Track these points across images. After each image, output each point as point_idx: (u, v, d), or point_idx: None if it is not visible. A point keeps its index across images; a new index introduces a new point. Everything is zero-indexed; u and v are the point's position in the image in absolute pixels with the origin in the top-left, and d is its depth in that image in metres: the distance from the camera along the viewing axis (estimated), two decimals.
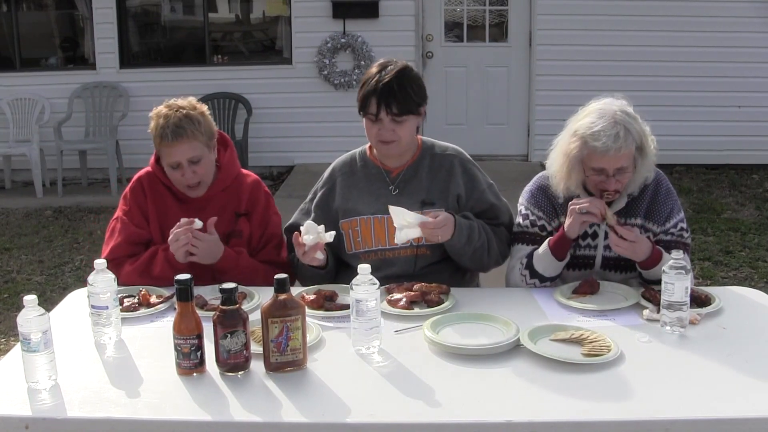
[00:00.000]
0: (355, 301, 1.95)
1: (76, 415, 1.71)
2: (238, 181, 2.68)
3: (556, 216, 2.54)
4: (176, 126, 2.46)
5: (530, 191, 2.61)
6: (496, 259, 2.59)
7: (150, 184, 2.64)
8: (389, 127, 2.46)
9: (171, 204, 2.63)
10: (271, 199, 2.77)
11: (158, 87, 7.21)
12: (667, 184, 2.56)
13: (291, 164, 7.86)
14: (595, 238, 2.51)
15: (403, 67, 2.48)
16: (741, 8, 7.42)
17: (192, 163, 2.51)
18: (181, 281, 1.85)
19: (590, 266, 2.54)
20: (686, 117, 7.50)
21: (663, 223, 2.49)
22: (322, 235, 2.33)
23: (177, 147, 2.47)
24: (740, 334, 2.07)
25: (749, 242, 5.50)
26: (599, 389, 1.78)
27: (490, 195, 2.61)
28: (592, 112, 2.38)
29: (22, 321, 1.78)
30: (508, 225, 2.63)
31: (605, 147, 2.28)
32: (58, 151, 7.33)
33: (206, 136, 2.53)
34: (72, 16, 8.46)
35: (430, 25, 7.79)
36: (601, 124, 2.31)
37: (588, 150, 2.32)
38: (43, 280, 5.10)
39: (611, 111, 2.35)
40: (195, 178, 2.54)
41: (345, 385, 1.82)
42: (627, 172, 2.38)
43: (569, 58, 7.51)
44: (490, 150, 7.52)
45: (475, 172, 2.63)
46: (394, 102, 2.42)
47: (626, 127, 2.31)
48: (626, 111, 2.37)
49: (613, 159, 2.31)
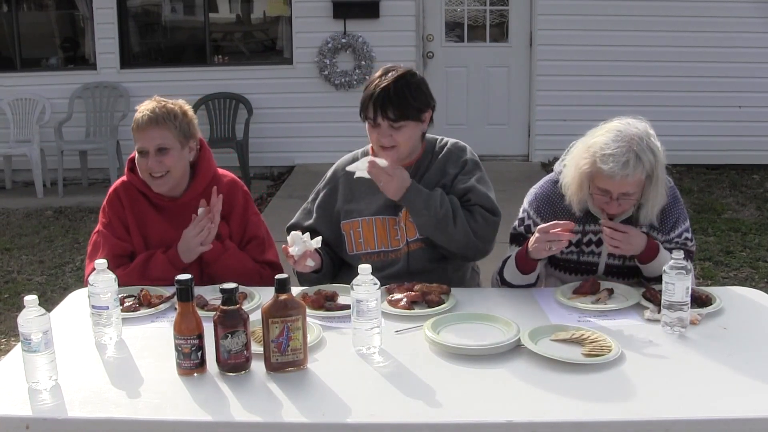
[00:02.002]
0: (356, 301, 1.96)
1: (76, 415, 1.71)
2: (214, 183, 2.64)
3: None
4: (151, 113, 2.50)
5: (534, 194, 2.59)
6: (465, 233, 2.46)
7: (126, 193, 2.62)
8: (387, 132, 2.45)
9: (148, 211, 2.61)
10: (250, 199, 2.74)
11: (159, 87, 7.13)
12: (674, 192, 2.53)
13: (291, 164, 7.86)
14: (600, 245, 2.50)
15: (404, 72, 2.46)
16: (741, 8, 7.42)
17: (159, 151, 2.50)
18: (181, 281, 1.85)
19: (593, 272, 2.54)
20: (687, 117, 7.50)
21: (668, 233, 2.48)
22: (307, 243, 2.33)
23: (147, 132, 2.49)
24: (741, 335, 2.07)
25: (750, 242, 5.50)
26: (600, 389, 1.78)
27: (469, 181, 2.54)
28: (609, 131, 2.32)
29: (23, 321, 1.78)
30: (486, 207, 2.51)
31: (611, 172, 2.25)
32: (59, 151, 7.33)
33: (180, 131, 2.53)
34: (72, 16, 8.46)
35: (431, 26, 7.79)
36: (614, 147, 2.26)
37: (595, 169, 2.30)
38: (44, 281, 5.10)
39: (629, 134, 2.29)
40: (160, 169, 2.51)
41: (345, 385, 1.82)
42: (631, 198, 2.35)
43: (570, 58, 7.51)
44: (490, 150, 7.52)
45: (467, 162, 2.58)
46: (390, 107, 2.41)
47: (638, 155, 2.26)
48: (645, 138, 2.29)
49: (619, 184, 2.29)
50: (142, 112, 2.52)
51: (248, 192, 2.75)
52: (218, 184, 2.65)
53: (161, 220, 2.60)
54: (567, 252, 2.53)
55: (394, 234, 2.56)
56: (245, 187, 2.76)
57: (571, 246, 2.50)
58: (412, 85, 2.46)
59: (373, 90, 2.44)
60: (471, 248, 2.52)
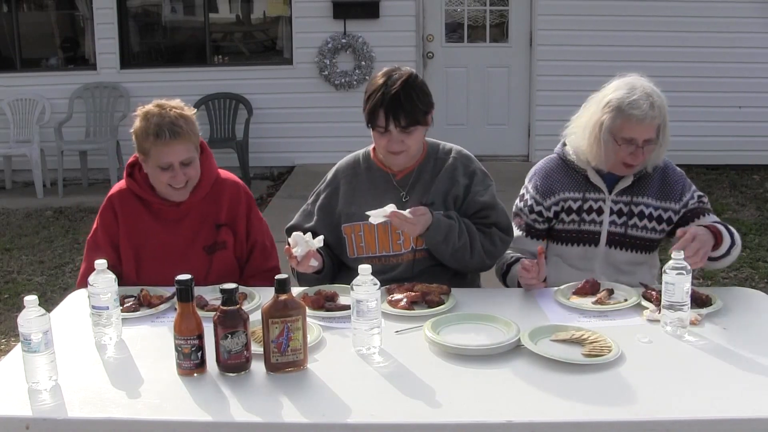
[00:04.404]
0: (356, 301, 1.95)
1: (76, 415, 1.71)
2: (216, 187, 2.60)
3: (551, 194, 2.62)
4: (173, 124, 2.40)
5: (534, 170, 2.72)
6: (481, 260, 2.51)
7: (122, 202, 2.57)
8: (398, 138, 2.44)
9: (145, 219, 2.56)
10: (254, 204, 2.69)
11: (159, 87, 7.19)
12: (674, 166, 2.66)
13: (291, 165, 7.86)
14: (601, 213, 2.55)
15: (408, 75, 2.44)
16: (741, 8, 7.42)
17: (184, 165, 2.46)
18: (181, 281, 1.85)
19: (595, 242, 2.58)
20: (686, 117, 7.49)
21: (680, 199, 2.59)
22: (310, 243, 2.32)
23: (173, 147, 2.41)
24: (741, 335, 2.07)
25: (750, 243, 5.50)
26: (600, 390, 1.78)
27: (486, 195, 2.56)
28: (621, 87, 2.47)
29: (23, 321, 1.78)
30: (502, 226, 2.55)
31: (643, 114, 2.39)
32: (59, 151, 7.34)
33: (196, 138, 2.50)
34: (72, 16, 8.46)
35: (431, 26, 7.79)
36: (638, 94, 2.41)
37: (622, 119, 2.42)
38: (44, 281, 5.10)
39: (640, 84, 2.46)
40: (184, 180, 2.48)
41: (346, 385, 1.82)
42: (653, 144, 2.46)
43: (570, 58, 7.51)
44: (490, 150, 7.52)
45: (476, 172, 2.59)
46: (402, 114, 2.39)
47: (656, 101, 2.44)
48: (651, 85, 2.48)
49: (647, 128, 2.42)
50: (159, 123, 2.40)
51: (251, 196, 2.70)
52: (221, 187, 2.61)
53: (156, 226, 2.56)
54: (568, 221, 2.62)
55: (396, 238, 2.55)
56: (248, 190, 2.71)
57: (572, 214, 2.60)
58: (418, 88, 2.45)
59: (381, 98, 2.40)
60: (481, 268, 2.62)
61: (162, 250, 2.56)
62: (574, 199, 2.60)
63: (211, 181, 2.60)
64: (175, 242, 2.55)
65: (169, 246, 2.55)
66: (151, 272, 2.55)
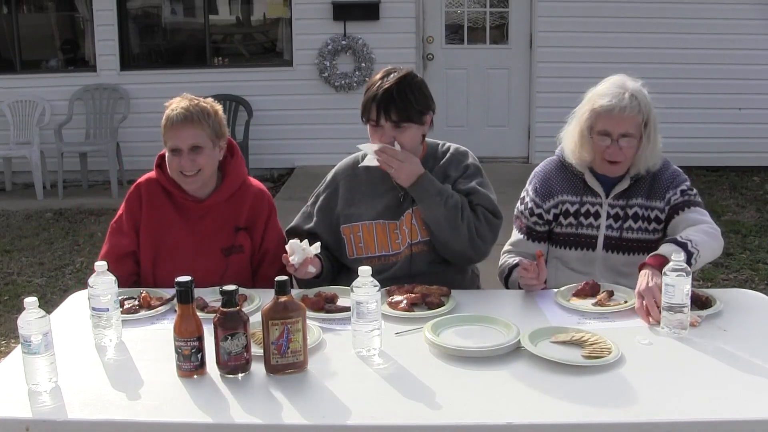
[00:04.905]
0: (356, 303, 1.95)
1: (76, 417, 1.71)
2: (242, 191, 2.63)
3: (550, 197, 2.62)
4: (185, 110, 2.47)
5: (534, 173, 2.73)
6: (470, 234, 2.44)
7: (149, 191, 2.60)
8: (390, 134, 2.44)
9: (169, 212, 2.59)
10: (274, 213, 2.70)
11: (159, 89, 7.19)
12: (675, 169, 2.63)
13: (291, 166, 7.87)
14: (598, 218, 2.55)
15: (405, 74, 2.46)
16: (741, 10, 7.42)
17: (192, 150, 2.48)
18: (181, 283, 1.85)
19: (592, 247, 2.57)
20: (687, 119, 7.50)
21: (663, 197, 2.56)
22: (307, 250, 2.32)
23: (181, 131, 2.46)
24: (741, 336, 2.07)
25: (750, 244, 5.50)
26: (600, 391, 1.78)
27: (471, 183, 2.53)
28: (603, 83, 2.52)
29: (23, 323, 1.78)
30: (488, 209, 2.50)
31: (610, 105, 2.41)
32: (59, 153, 7.34)
33: (213, 130, 2.51)
34: (72, 18, 8.47)
35: (431, 27, 7.80)
36: (613, 89, 2.46)
37: (595, 113, 2.44)
38: (44, 282, 5.10)
39: (623, 81, 2.50)
40: (193, 167, 2.49)
41: (345, 387, 1.82)
42: (632, 138, 2.45)
43: (570, 60, 7.51)
44: (490, 152, 7.52)
45: (468, 166, 2.58)
46: (393, 108, 2.41)
47: (633, 94, 2.44)
48: (638, 86, 2.49)
49: (617, 119, 2.42)
50: (174, 109, 2.49)
51: (274, 205, 2.72)
52: (246, 192, 2.64)
53: (178, 219, 2.57)
54: (566, 224, 2.63)
55: (394, 238, 2.55)
56: (272, 200, 2.73)
57: (569, 217, 2.60)
58: (414, 86, 2.46)
59: (375, 92, 2.43)
60: (473, 247, 2.49)
61: (180, 244, 2.57)
62: (571, 202, 2.60)
63: (238, 183, 2.62)
64: (193, 239, 2.57)
65: (187, 241, 2.57)
66: (168, 266, 2.55)
